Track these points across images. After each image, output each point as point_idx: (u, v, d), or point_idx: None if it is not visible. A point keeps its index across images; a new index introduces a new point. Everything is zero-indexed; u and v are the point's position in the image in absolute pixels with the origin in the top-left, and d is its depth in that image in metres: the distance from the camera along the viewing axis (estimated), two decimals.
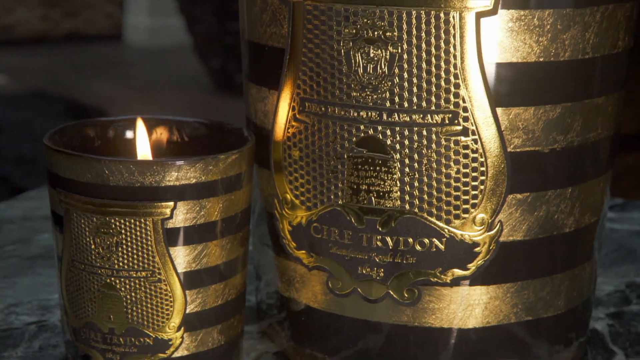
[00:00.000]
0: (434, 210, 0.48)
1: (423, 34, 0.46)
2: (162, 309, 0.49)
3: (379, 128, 0.48)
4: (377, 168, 0.48)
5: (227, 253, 0.50)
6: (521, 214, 0.49)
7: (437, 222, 0.48)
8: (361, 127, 0.48)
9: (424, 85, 0.47)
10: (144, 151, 0.53)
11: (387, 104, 0.47)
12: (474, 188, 0.48)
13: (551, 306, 0.51)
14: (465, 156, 0.47)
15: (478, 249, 0.48)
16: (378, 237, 0.49)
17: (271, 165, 0.51)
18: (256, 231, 0.55)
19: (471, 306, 0.50)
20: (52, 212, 0.50)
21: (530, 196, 0.49)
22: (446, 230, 0.48)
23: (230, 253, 0.50)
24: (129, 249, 0.48)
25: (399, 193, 0.48)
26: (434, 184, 0.48)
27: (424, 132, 0.47)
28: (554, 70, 0.47)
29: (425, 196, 0.48)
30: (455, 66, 0.46)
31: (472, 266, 0.49)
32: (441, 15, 0.46)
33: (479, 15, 0.46)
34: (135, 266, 0.48)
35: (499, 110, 0.47)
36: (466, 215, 0.48)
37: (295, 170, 0.50)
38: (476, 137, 0.47)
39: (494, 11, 0.46)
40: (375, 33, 0.47)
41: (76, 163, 0.48)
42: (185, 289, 0.49)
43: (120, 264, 0.48)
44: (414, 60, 0.46)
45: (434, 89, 0.46)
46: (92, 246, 0.48)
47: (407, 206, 0.48)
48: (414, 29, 0.46)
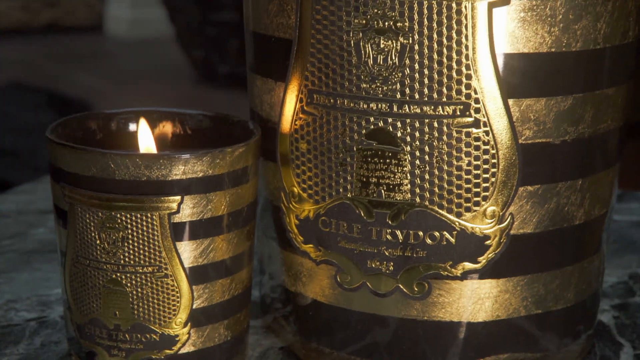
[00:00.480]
0: (444, 203, 0.47)
1: (434, 24, 0.45)
2: (169, 304, 0.48)
3: (389, 120, 0.47)
4: (387, 161, 0.47)
5: (233, 247, 0.49)
6: (532, 206, 0.48)
7: (447, 215, 0.48)
8: (371, 119, 0.47)
9: (435, 76, 0.46)
10: (147, 144, 0.52)
11: (398, 95, 0.46)
12: (485, 180, 0.47)
13: (561, 299, 0.50)
14: (477, 148, 0.47)
15: (489, 242, 0.48)
16: (388, 231, 0.48)
17: (277, 158, 0.50)
18: (260, 224, 0.54)
19: (481, 300, 0.49)
20: (54, 207, 0.49)
21: (541, 188, 0.48)
22: (457, 224, 0.48)
23: (236, 247, 0.49)
24: (135, 244, 0.47)
25: (409, 186, 0.47)
26: (444, 176, 0.47)
27: (435, 124, 0.46)
28: (565, 61, 0.47)
29: (436, 189, 0.47)
30: (467, 57, 0.45)
31: (483, 259, 0.48)
32: (453, 5, 0.45)
33: (492, 5, 0.45)
34: (142, 261, 0.47)
35: (510, 102, 0.46)
36: (477, 208, 0.47)
37: (302, 163, 0.50)
38: (487, 128, 0.46)
39: (506, 1, 0.45)
40: (386, 23, 0.46)
41: (81, 157, 0.47)
42: (192, 284, 0.48)
43: (126, 259, 0.47)
44: (425, 51, 0.46)
45: (445, 80, 0.46)
46: (98, 241, 0.47)
47: (417, 199, 0.47)
48: (425, 19, 0.45)
